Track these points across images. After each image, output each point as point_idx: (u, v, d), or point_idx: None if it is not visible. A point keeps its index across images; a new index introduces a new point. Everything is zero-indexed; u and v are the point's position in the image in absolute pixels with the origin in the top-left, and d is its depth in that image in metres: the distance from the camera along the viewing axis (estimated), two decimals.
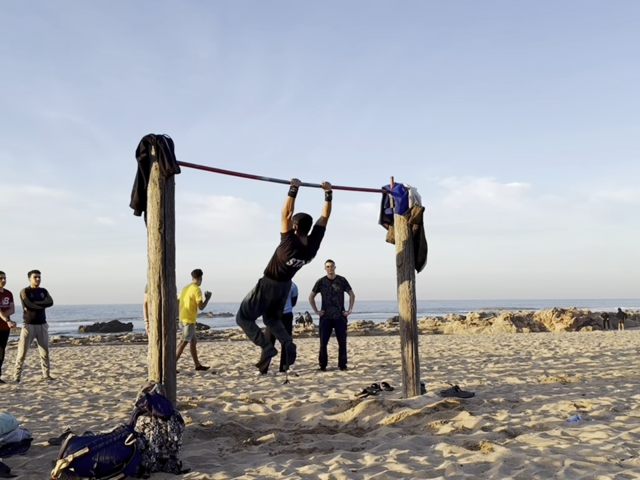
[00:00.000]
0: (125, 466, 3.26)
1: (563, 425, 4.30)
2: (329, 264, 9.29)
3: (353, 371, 8.84)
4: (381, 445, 3.89)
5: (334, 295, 9.12)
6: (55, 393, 7.19)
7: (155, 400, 3.63)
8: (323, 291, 9.21)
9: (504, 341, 16.75)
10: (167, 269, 4.51)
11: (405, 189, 5.91)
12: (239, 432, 4.56)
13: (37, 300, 8.78)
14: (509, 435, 4.07)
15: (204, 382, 7.95)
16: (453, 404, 5.14)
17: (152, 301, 4.49)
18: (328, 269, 9.28)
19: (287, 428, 4.82)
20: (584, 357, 10.43)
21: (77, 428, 4.84)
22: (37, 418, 5.44)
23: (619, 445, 3.60)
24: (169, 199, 4.59)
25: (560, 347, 13.20)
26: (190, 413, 5.19)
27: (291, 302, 9.16)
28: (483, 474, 3.17)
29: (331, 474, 3.20)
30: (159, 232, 4.50)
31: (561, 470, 3.13)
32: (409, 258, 5.89)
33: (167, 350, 4.45)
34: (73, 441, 3.28)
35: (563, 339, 17.42)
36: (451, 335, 25.83)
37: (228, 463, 3.59)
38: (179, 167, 4.61)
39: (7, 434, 3.92)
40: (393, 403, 5.18)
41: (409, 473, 3.18)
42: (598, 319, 29.98)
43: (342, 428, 4.75)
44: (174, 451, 3.48)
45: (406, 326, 5.86)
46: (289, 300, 9.11)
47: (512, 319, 28.12)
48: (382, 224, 6.25)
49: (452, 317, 34.40)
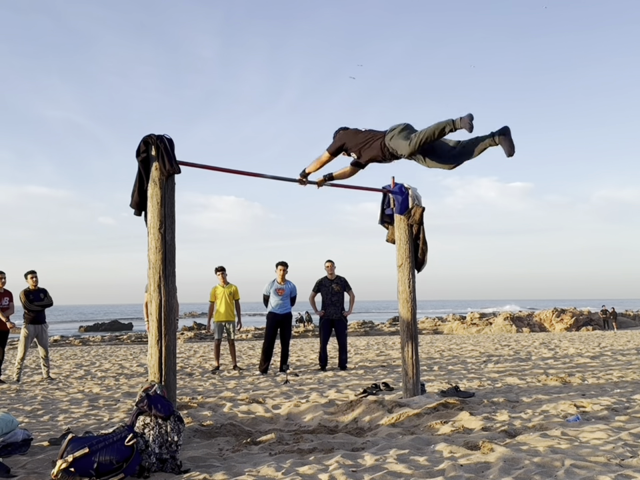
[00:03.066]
0: (125, 466, 3.26)
1: (563, 425, 4.30)
2: (328, 264, 9.31)
3: (353, 371, 8.84)
4: (381, 445, 3.89)
5: (334, 295, 9.13)
6: (55, 392, 7.19)
7: (155, 400, 3.63)
8: (322, 291, 9.22)
9: (504, 341, 16.75)
10: (167, 269, 4.51)
11: (405, 188, 5.92)
12: (238, 432, 4.56)
13: (36, 301, 8.78)
14: (509, 435, 4.07)
15: (204, 382, 7.96)
16: (453, 404, 5.14)
17: (152, 300, 4.49)
18: (328, 269, 9.30)
19: (286, 428, 4.82)
20: (584, 357, 10.44)
21: (77, 428, 4.84)
22: (37, 418, 5.44)
23: (619, 445, 3.60)
24: (169, 199, 4.59)
25: (560, 347, 13.21)
26: (190, 413, 5.19)
27: (289, 302, 9.20)
28: (482, 474, 3.17)
29: (331, 474, 3.20)
30: (159, 232, 4.50)
31: (561, 470, 3.13)
32: (409, 258, 5.89)
33: (167, 350, 4.45)
34: (72, 440, 3.28)
35: (562, 339, 17.43)
36: (451, 335, 25.83)
37: (228, 463, 3.59)
38: (179, 167, 4.62)
39: (7, 434, 3.92)
40: (392, 403, 5.18)
41: (409, 472, 3.18)
42: (598, 318, 29.97)
43: (342, 428, 4.75)
44: (174, 451, 3.48)
45: (406, 326, 5.86)
46: (288, 300, 9.15)
47: (512, 319, 28.12)
48: (382, 224, 6.25)
49: (452, 317, 34.40)
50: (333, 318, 9.12)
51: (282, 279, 9.12)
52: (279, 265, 9.13)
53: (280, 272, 9.10)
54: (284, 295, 9.08)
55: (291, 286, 9.21)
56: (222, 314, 9.54)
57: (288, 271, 9.22)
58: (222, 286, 9.66)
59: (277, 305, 9.05)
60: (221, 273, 9.65)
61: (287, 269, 9.18)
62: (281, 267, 9.08)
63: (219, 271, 9.67)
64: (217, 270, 9.70)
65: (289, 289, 9.15)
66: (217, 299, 9.62)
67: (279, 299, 9.05)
